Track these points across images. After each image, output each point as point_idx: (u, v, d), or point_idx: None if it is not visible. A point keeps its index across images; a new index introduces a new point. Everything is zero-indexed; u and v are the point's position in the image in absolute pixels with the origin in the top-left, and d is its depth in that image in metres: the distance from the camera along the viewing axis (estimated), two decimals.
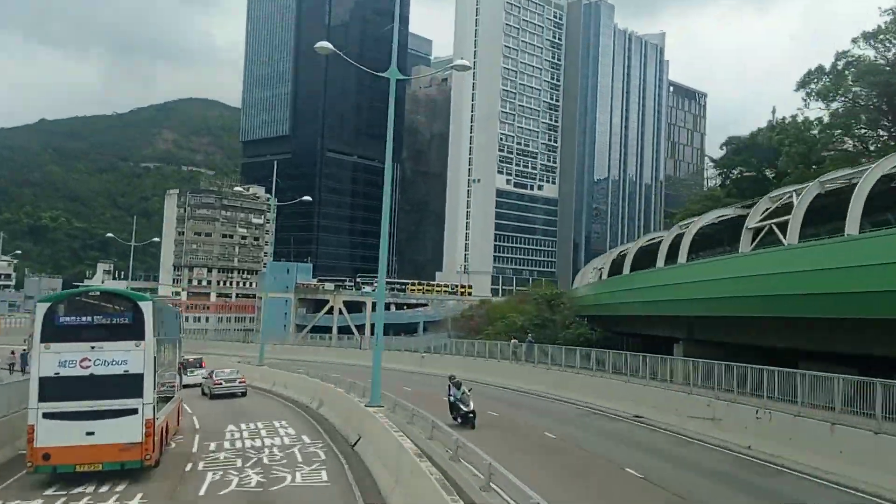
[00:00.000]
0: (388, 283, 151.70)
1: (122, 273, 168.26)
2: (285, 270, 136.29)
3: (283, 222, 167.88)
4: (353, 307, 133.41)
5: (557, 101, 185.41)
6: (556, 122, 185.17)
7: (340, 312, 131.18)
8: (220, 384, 35.87)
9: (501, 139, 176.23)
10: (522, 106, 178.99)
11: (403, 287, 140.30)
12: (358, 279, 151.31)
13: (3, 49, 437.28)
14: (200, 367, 44.88)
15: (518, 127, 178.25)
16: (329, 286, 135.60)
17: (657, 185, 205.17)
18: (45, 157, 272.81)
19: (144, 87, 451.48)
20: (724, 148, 59.37)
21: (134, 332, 16.27)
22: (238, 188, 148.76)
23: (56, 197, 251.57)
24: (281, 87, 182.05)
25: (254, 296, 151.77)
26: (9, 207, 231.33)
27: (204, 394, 37.01)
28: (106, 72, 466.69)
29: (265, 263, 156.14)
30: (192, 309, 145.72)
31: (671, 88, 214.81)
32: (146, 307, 16.53)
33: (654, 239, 46.19)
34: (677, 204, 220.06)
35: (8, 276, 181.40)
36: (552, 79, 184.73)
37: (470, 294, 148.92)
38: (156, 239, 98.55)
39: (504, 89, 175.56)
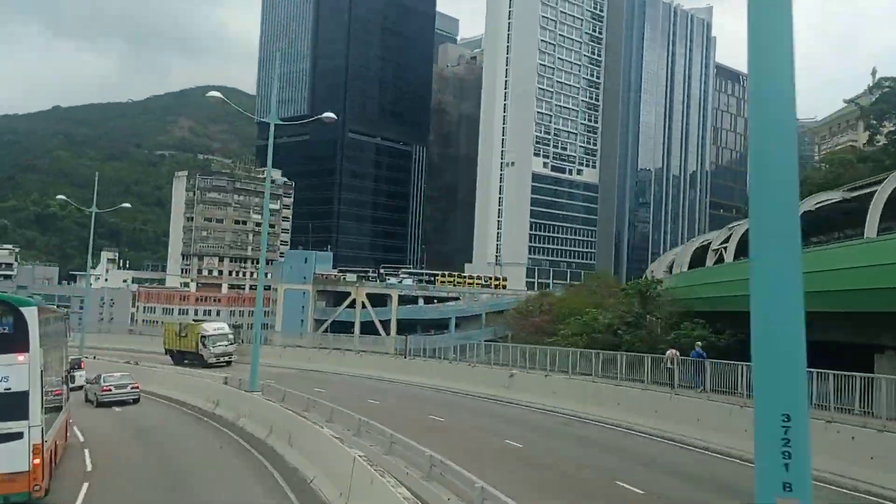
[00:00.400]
0: (415, 274, 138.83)
1: (128, 262, 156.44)
2: (303, 260, 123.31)
3: (301, 208, 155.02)
4: (377, 301, 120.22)
5: (598, 78, 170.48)
6: (596, 100, 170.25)
7: (364, 306, 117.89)
8: (110, 390, 31.40)
9: (538, 118, 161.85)
10: (560, 83, 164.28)
11: (432, 279, 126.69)
12: (382, 270, 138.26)
13: (20, 40, 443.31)
14: (79, 368, 39.21)
15: (556, 105, 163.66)
16: (351, 277, 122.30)
17: (703, 173, 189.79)
18: (55, 143, 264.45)
19: (159, 78, 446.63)
20: (875, 92, 44.74)
21: (16, 343, 14.61)
22: (240, 172, 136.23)
23: (65, 184, 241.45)
24: (299, 64, 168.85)
25: (268, 287, 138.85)
26: (15, 194, 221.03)
27: (88, 400, 32.84)
28: (120, 63, 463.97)
29: (281, 253, 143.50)
30: (201, 301, 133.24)
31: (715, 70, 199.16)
32: (30, 314, 14.98)
33: (825, 201, 32.15)
34: (723, 194, 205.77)
35: (9, 266, 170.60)
36: (593, 53, 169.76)
37: (504, 287, 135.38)
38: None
39: (541, 64, 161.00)
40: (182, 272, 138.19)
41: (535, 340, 50.37)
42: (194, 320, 78.44)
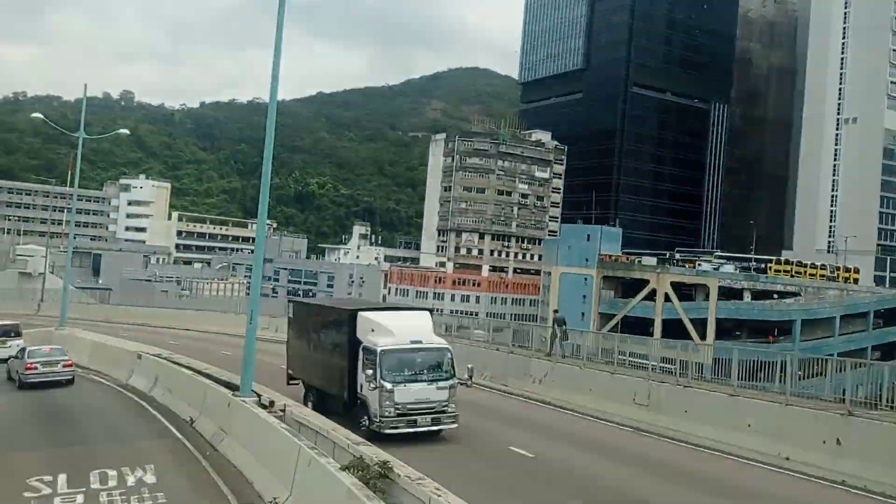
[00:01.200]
0: (736, 258, 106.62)
1: (381, 239, 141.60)
2: (584, 237, 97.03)
3: (572, 180, 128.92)
4: (683, 294, 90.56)
5: None
6: None
7: (667, 299, 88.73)
8: (35, 368, 25.41)
9: (894, 58, 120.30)
10: None
11: (763, 266, 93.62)
12: (678, 255, 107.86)
13: (289, 41, 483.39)
14: (15, 336, 31.81)
15: None
16: (649, 261, 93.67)
17: None
18: (317, 125, 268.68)
19: (412, 64, 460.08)
20: None
21: None
22: (504, 132, 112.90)
23: (324, 164, 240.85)
24: (573, 11, 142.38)
25: (536, 272, 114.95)
26: (278, 173, 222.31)
27: (11, 379, 26.90)
28: (373, 54, 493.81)
29: (551, 231, 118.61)
30: (458, 285, 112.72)
31: None
32: None
33: None
34: None
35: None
36: None
37: (856, 281, 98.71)
38: None
39: None
40: (438, 250, 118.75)
41: None
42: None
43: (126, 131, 51.61)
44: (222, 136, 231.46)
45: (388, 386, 17.37)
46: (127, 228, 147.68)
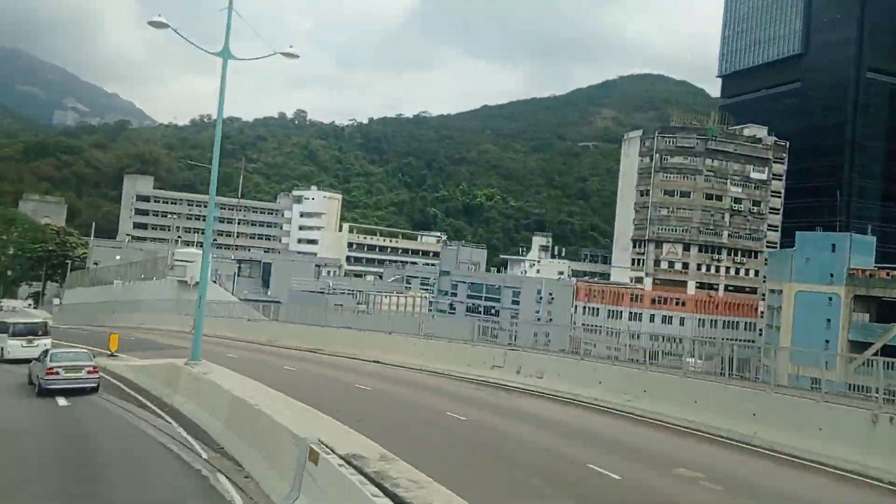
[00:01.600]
0: None
1: (562, 251, 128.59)
2: (827, 247, 78.96)
3: (791, 183, 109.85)
4: None
5: None
6: None
7: None
8: (56, 373, 22.35)
9: None
10: None
11: None
12: None
13: (446, 62, 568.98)
14: (43, 335, 29.80)
15: None
16: None
17: None
18: (483, 137, 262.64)
19: (567, 84, 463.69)
20: None
21: None
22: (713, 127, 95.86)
23: (491, 175, 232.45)
24: None
25: (752, 289, 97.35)
26: (446, 185, 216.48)
27: (32, 383, 23.83)
28: (530, 74, 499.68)
29: (769, 241, 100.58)
30: (659, 304, 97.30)
31: None
32: None
33: None
34: None
35: (436, 255, 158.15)
36: None
37: None
38: None
39: None
40: (633, 264, 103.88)
41: None
42: None
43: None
44: (390, 150, 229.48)
45: None
46: (299, 241, 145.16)
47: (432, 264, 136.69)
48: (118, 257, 77.64)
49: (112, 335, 31.18)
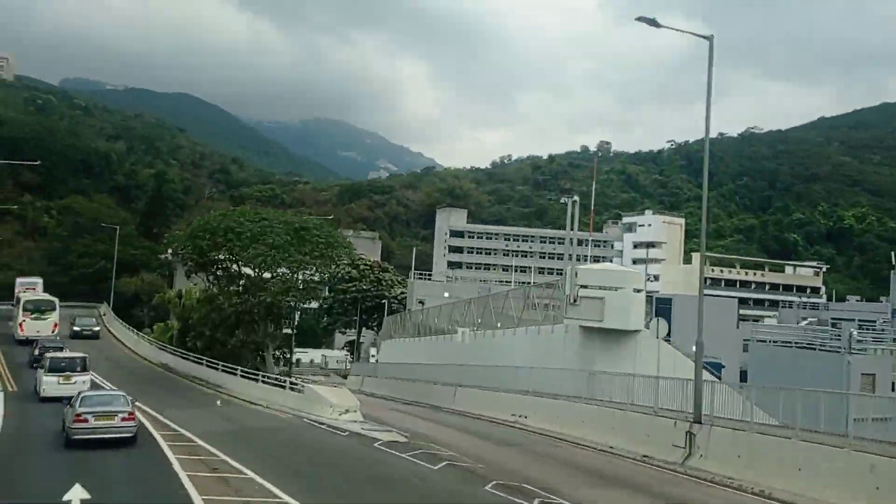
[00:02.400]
0: None
1: None
2: None
3: None
4: None
5: None
6: None
7: None
8: (85, 420, 19.16)
9: None
10: None
11: None
12: None
13: (737, 84, 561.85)
14: (82, 371, 27.94)
15: None
16: None
17: None
18: (831, 150, 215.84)
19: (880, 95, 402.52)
20: None
21: None
22: None
23: (853, 193, 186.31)
24: None
25: None
26: (798, 206, 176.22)
27: (64, 431, 20.19)
28: (839, 89, 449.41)
29: None
30: None
31: None
32: None
33: None
34: None
35: (815, 291, 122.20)
36: None
37: None
38: None
39: None
40: None
41: None
42: None
43: None
44: (718, 172, 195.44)
45: None
46: None
47: (814, 303, 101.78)
48: (447, 294, 58.73)
49: None
